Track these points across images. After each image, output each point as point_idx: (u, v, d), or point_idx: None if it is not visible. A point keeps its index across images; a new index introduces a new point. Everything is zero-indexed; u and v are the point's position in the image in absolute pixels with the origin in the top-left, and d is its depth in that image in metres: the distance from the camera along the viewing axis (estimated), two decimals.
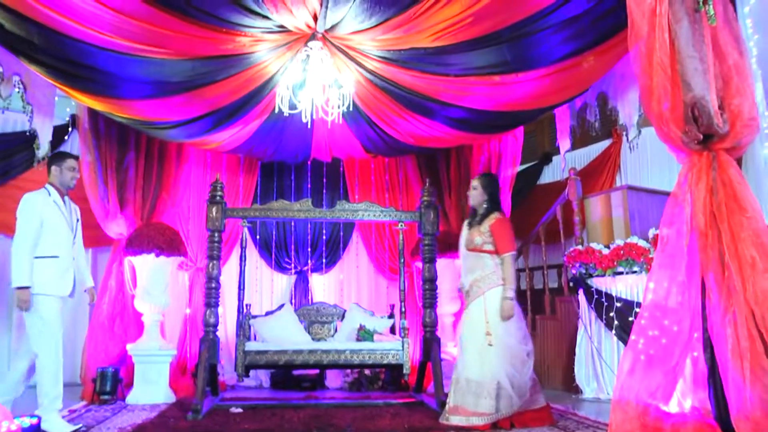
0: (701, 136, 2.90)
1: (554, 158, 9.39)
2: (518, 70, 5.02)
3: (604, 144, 8.76)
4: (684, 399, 2.88)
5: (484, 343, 4.32)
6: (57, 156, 4.70)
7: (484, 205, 4.69)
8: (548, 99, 5.66)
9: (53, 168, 4.58)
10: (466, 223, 4.81)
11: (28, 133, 5.66)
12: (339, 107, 5.21)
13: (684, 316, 2.84)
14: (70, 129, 7.28)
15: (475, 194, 4.73)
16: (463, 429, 4.16)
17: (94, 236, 6.97)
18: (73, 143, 7.36)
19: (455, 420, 4.25)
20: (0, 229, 7.19)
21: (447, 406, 4.40)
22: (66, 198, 4.66)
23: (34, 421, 3.50)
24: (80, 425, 4.34)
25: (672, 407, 2.86)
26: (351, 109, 5.29)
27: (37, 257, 4.35)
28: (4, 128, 7.22)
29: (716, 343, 2.73)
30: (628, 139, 5.61)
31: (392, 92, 5.61)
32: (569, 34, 4.54)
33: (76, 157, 4.78)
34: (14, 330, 7.19)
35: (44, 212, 4.45)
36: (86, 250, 7.52)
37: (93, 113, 6.29)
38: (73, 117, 7.06)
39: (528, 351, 4.46)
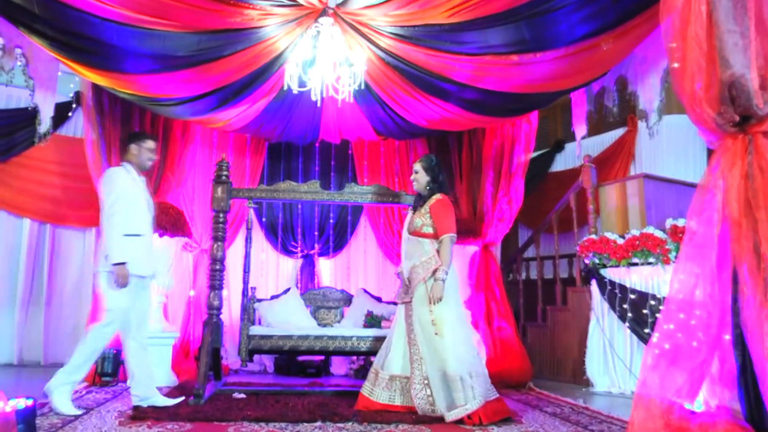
0: (737, 118, 2.69)
1: (567, 146, 9.23)
2: (536, 50, 4.83)
3: (619, 132, 8.59)
4: (711, 398, 2.72)
5: (432, 333, 4.21)
6: (137, 135, 4.64)
7: (428, 188, 4.58)
8: (566, 81, 5.48)
9: (133, 146, 4.51)
10: (411, 208, 4.72)
11: (29, 109, 5.53)
12: (350, 86, 5.05)
13: (713, 311, 2.67)
14: (74, 106, 7.16)
15: (418, 178, 4.62)
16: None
17: (96, 216, 6.85)
18: (77, 121, 7.25)
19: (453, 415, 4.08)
20: (3, 206, 7.16)
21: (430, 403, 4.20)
22: (143, 177, 4.59)
23: (30, 403, 3.36)
24: (82, 411, 4.24)
25: (697, 406, 2.70)
26: (362, 88, 5.12)
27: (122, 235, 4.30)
28: (7, 104, 7.13)
29: (750, 339, 2.55)
30: (648, 125, 5.43)
31: (405, 71, 5.42)
32: (590, 11, 4.36)
33: (156, 139, 4.68)
34: (19, 305, 7.13)
35: (128, 189, 4.38)
36: (89, 229, 7.56)
37: (97, 90, 6.14)
38: (77, 94, 6.93)
39: (477, 339, 4.37)
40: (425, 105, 5.96)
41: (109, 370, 5.59)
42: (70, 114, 7.27)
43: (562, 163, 9.33)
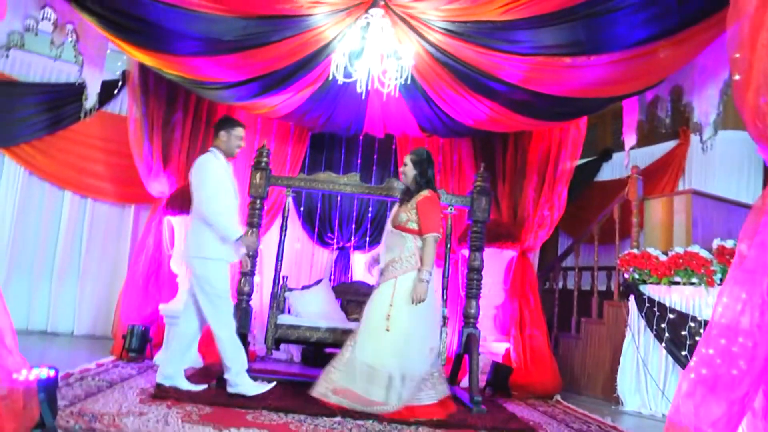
0: None
1: (615, 155, 8.99)
2: (590, 53, 4.66)
3: (669, 144, 8.29)
4: None
5: (382, 327, 4.08)
6: (227, 121, 4.62)
7: (415, 182, 4.44)
8: (619, 87, 5.29)
9: (222, 133, 4.51)
10: (398, 202, 4.61)
11: (77, 84, 5.59)
12: (396, 79, 4.96)
13: (760, 341, 2.50)
14: (120, 84, 7.26)
15: (406, 170, 4.47)
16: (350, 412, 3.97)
17: (136, 193, 6.99)
18: (123, 99, 7.35)
19: (335, 399, 4.01)
20: (47, 177, 7.28)
21: (328, 382, 4.10)
22: (230, 164, 4.61)
23: (52, 373, 3.37)
24: (273, 383, 4.54)
25: None
26: (409, 82, 5.03)
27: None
28: (57, 78, 7.24)
29: None
30: (701, 139, 5.20)
31: (453, 68, 5.31)
32: (653, 14, 4.18)
33: (245, 126, 4.68)
34: (55, 275, 7.25)
35: (220, 176, 4.40)
36: (128, 205, 7.66)
37: (144, 70, 6.20)
38: (125, 72, 7.02)
39: (431, 347, 4.24)
40: (472, 104, 5.83)
41: (136, 346, 5.64)
42: (116, 92, 7.36)
43: (608, 172, 9.08)
